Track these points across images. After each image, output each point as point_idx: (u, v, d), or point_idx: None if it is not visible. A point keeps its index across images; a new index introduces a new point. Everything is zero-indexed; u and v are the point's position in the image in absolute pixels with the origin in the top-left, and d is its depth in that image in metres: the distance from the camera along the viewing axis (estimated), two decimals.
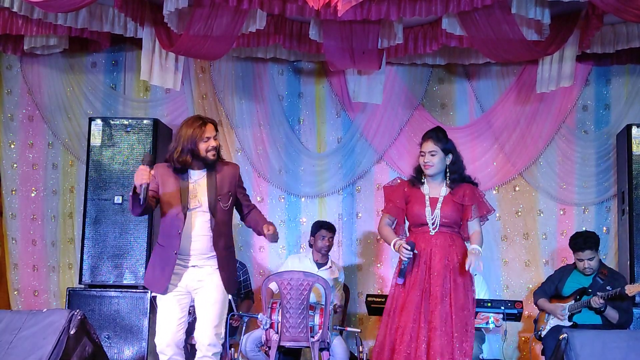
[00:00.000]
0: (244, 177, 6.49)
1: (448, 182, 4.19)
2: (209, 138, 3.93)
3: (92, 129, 5.88)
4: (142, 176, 3.72)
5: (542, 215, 6.37)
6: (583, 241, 5.26)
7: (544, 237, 6.34)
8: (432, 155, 4.16)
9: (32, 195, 6.49)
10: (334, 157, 6.53)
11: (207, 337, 3.89)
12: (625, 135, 5.84)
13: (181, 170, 3.95)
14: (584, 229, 5.96)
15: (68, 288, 5.79)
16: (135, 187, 3.75)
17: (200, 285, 3.93)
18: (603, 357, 4.35)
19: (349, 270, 6.38)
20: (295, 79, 6.64)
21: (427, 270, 4.04)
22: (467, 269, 3.92)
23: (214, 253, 3.93)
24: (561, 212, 6.35)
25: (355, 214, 6.49)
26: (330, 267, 5.71)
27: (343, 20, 5.21)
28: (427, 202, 4.14)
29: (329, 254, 5.80)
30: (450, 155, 4.19)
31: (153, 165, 3.79)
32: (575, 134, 6.37)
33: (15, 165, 6.51)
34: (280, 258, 6.36)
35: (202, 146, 3.93)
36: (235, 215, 4.17)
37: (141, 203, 3.75)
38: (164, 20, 5.24)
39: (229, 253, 4.01)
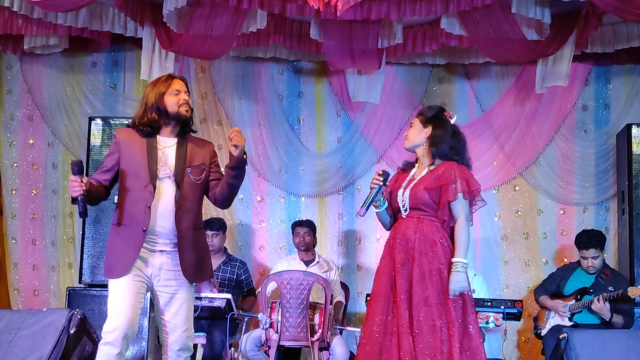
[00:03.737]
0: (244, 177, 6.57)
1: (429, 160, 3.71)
2: (179, 91, 3.47)
3: (92, 128, 5.87)
4: (73, 188, 3.25)
5: (542, 215, 6.37)
6: (587, 240, 5.25)
7: (544, 236, 6.35)
8: (410, 126, 3.78)
9: (32, 194, 6.49)
10: (334, 157, 6.53)
11: (178, 342, 3.45)
12: (625, 135, 5.83)
13: (149, 135, 3.47)
14: (583, 228, 5.95)
15: (68, 287, 5.78)
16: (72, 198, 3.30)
17: (166, 276, 3.43)
18: (603, 357, 4.36)
19: (349, 270, 6.39)
20: (295, 78, 6.64)
21: (392, 261, 3.64)
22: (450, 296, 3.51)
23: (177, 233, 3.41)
24: (561, 212, 6.35)
25: (355, 214, 6.49)
26: (318, 261, 5.73)
27: (343, 20, 5.21)
28: (405, 184, 3.72)
29: (316, 250, 5.84)
30: (430, 127, 3.72)
31: (83, 172, 3.32)
32: (575, 133, 6.38)
33: (15, 164, 6.50)
34: (281, 257, 6.36)
35: (172, 100, 3.45)
36: (237, 215, 4.12)
37: (80, 216, 3.36)
38: (163, 20, 5.24)
39: (196, 235, 3.47)
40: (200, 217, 3.56)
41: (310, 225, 5.84)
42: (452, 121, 3.77)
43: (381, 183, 3.64)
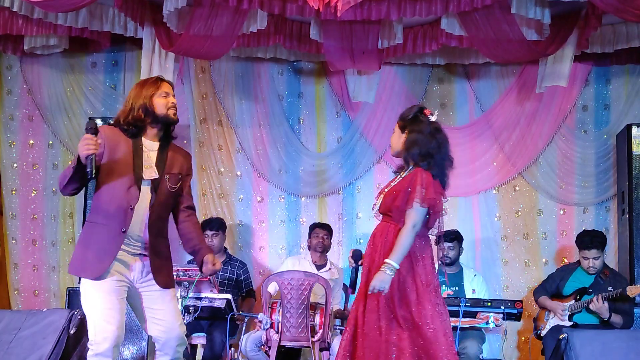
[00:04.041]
0: (244, 177, 6.59)
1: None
2: (167, 94, 3.41)
3: None
4: (87, 146, 3.12)
5: (542, 215, 6.36)
6: (590, 240, 5.25)
7: (544, 237, 6.35)
8: (393, 133, 3.72)
9: (32, 195, 6.48)
10: (334, 157, 6.53)
11: (177, 338, 3.41)
12: (625, 135, 5.84)
13: (134, 135, 3.38)
14: (583, 228, 5.95)
15: (68, 288, 5.79)
16: (79, 159, 3.15)
17: (148, 277, 3.38)
18: (603, 357, 4.36)
19: (349, 270, 6.38)
20: (295, 79, 6.64)
21: (365, 263, 3.67)
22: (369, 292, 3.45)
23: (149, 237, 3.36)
24: (561, 212, 6.35)
25: (356, 214, 6.49)
26: (330, 268, 5.72)
27: (343, 21, 5.21)
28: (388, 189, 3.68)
29: (328, 255, 5.81)
30: (406, 133, 3.63)
31: (97, 134, 3.21)
32: (575, 134, 6.37)
33: (15, 165, 6.50)
34: (280, 258, 6.36)
35: (160, 102, 3.38)
36: (237, 215, 4.11)
37: (89, 176, 3.17)
38: (164, 20, 5.24)
39: (164, 242, 3.45)
40: (167, 227, 3.49)
41: (329, 229, 5.86)
42: (433, 118, 3.66)
43: (354, 265, 3.69)
